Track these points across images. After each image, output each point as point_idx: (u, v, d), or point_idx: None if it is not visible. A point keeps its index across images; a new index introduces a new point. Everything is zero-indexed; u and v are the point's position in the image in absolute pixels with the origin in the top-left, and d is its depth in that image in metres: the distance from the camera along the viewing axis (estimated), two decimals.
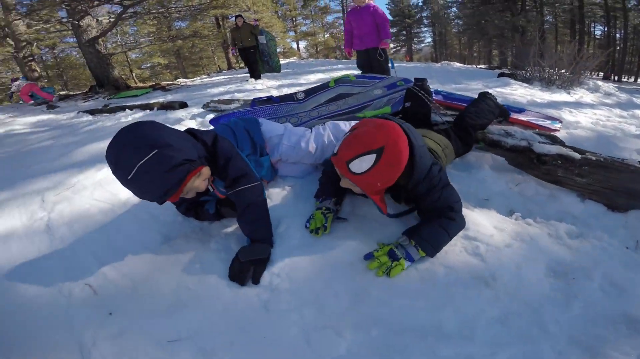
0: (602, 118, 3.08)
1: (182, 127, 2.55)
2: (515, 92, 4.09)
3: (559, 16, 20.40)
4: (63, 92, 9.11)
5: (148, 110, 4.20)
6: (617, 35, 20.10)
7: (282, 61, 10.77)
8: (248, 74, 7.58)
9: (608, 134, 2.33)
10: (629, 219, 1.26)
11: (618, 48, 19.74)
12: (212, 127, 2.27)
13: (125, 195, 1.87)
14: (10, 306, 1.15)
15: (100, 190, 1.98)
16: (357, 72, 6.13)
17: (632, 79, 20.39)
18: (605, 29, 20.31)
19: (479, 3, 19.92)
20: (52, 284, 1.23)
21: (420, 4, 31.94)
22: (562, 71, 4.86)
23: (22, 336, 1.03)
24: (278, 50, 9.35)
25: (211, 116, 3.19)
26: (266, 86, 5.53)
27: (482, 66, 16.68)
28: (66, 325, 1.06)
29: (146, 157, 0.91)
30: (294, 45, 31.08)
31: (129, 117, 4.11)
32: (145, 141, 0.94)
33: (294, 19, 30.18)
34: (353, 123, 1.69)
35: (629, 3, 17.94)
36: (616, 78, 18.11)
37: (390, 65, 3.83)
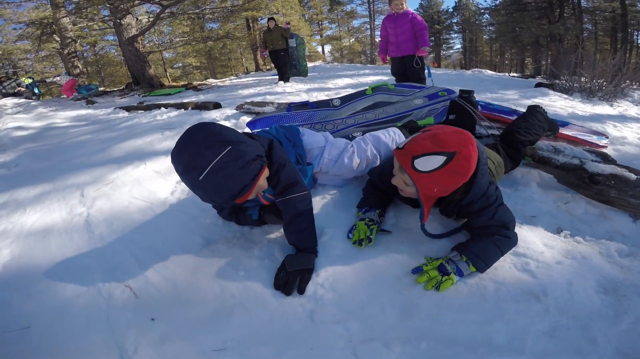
0: None
1: None
2: (555, 104, 3.85)
3: (599, 24, 19.26)
4: (101, 89, 9.58)
5: (183, 110, 4.31)
6: None
7: (308, 64, 10.81)
8: (275, 76, 7.67)
9: None
10: None
11: None
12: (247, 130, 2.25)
13: (164, 194, 1.89)
14: (50, 305, 1.15)
15: (139, 188, 2.01)
16: (386, 77, 6.08)
17: None
18: None
19: (514, 10, 19.18)
20: (91, 284, 1.23)
21: (451, 10, 31.26)
22: (603, 82, 4.51)
23: (60, 337, 1.02)
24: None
25: (245, 118, 3.19)
26: (295, 89, 5.54)
27: (515, 74, 16.00)
28: (106, 328, 1.04)
29: (222, 153, 0.91)
30: (319, 49, 31.26)
31: (164, 115, 4.23)
32: (218, 138, 0.94)
33: (320, 22, 30.34)
34: (392, 132, 1.62)
35: None
36: None
37: (427, 73, 3.69)
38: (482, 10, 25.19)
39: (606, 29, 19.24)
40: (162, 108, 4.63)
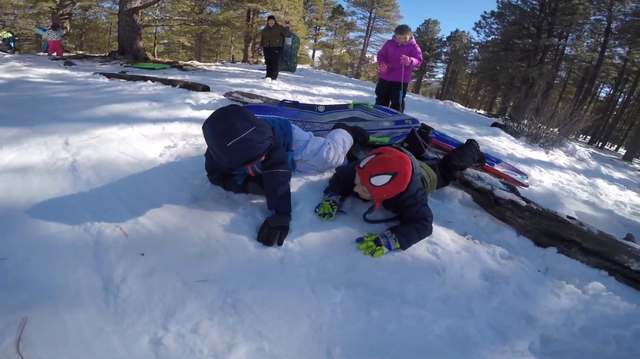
0: (563, 181, 3.52)
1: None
2: (501, 144, 4.52)
3: (572, 72, 21.11)
4: (80, 52, 9.04)
5: (170, 86, 4.29)
6: (620, 99, 20.88)
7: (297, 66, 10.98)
8: (262, 71, 7.73)
9: (561, 195, 2.80)
10: (547, 253, 1.71)
11: (614, 113, 20.61)
12: None
13: (152, 154, 1.97)
14: (30, 239, 1.17)
15: (126, 146, 2.05)
16: (366, 95, 6.45)
17: (614, 147, 21.05)
18: (611, 91, 21.06)
19: (501, 49, 20.74)
20: (77, 222, 1.27)
21: (445, 39, 32.59)
22: (551, 131, 5.19)
23: (40, 269, 1.06)
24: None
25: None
26: (281, 88, 5.74)
27: (482, 112, 17.33)
28: (93, 261, 1.11)
29: (248, 130, 1.28)
30: (310, 53, 31.53)
31: (150, 88, 4.17)
32: (248, 118, 1.31)
33: (318, 27, 30.60)
34: (345, 134, 2.08)
35: None
36: (600, 144, 18.97)
37: (399, 94, 4.03)
38: (473, 44, 26.96)
39: (576, 79, 21.27)
40: (149, 81, 4.53)
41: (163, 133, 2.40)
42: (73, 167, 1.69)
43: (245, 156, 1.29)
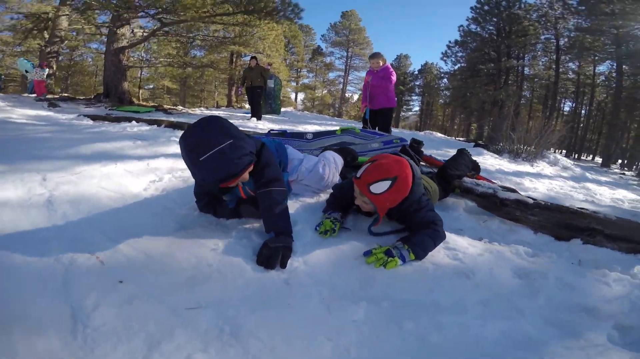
0: (556, 187, 3.61)
1: None
2: (487, 162, 4.67)
3: (535, 91, 22.98)
4: (65, 94, 9.12)
5: (155, 126, 4.27)
6: (583, 111, 22.48)
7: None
8: (247, 115, 7.92)
9: (559, 197, 2.83)
10: (571, 246, 1.61)
11: (581, 125, 21.91)
12: None
13: (136, 189, 1.87)
14: None
15: (108, 181, 1.94)
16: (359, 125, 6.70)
17: (589, 157, 22.03)
18: (573, 105, 22.73)
19: (468, 75, 22.49)
20: (47, 253, 1.13)
21: (416, 72, 34.98)
22: (529, 148, 5.53)
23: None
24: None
25: None
26: (267, 127, 5.85)
27: (461, 138, 18.27)
28: (61, 291, 0.96)
29: (224, 144, 1.11)
30: (293, 96, 32.98)
31: (134, 128, 4.13)
32: (224, 131, 1.15)
33: (299, 69, 32.43)
34: (334, 155, 2.07)
35: (598, 79, 20.53)
36: (576, 156, 20.08)
37: (366, 114, 4.22)
38: (442, 74, 29.11)
39: (540, 97, 22.97)
40: (134, 122, 4.49)
41: (148, 169, 2.29)
42: (49, 201, 1.54)
43: (218, 173, 1.13)
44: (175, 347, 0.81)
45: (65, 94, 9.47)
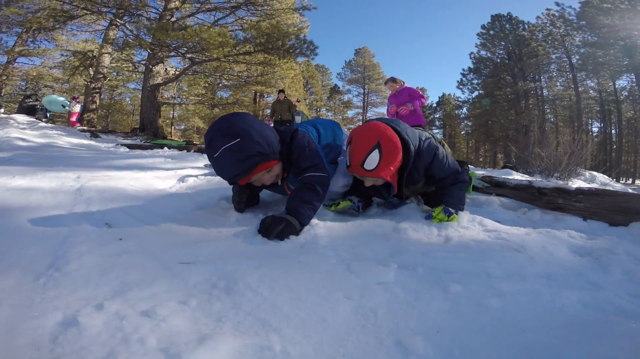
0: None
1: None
2: (516, 178, 4.26)
3: (559, 114, 21.37)
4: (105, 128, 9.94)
5: (185, 151, 4.54)
6: (613, 131, 20.24)
7: None
8: None
9: None
10: (632, 230, 1.38)
11: (614, 146, 19.86)
12: None
13: (163, 186, 1.96)
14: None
15: (137, 182, 2.04)
16: None
17: (630, 181, 20.02)
18: (602, 124, 20.71)
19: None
20: (59, 222, 1.14)
21: (435, 105, 34.51)
22: (561, 166, 5.10)
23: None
24: None
25: None
26: None
27: (489, 168, 17.43)
28: (56, 246, 0.92)
29: (230, 144, 1.07)
30: None
31: (166, 152, 4.47)
32: (233, 130, 1.09)
33: (318, 109, 33.54)
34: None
35: (621, 95, 18.95)
36: (615, 180, 18.09)
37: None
38: (461, 103, 28.81)
39: (565, 119, 21.07)
40: (165, 148, 4.96)
41: (175, 175, 2.39)
42: (78, 190, 1.63)
43: (226, 173, 1.12)
44: (147, 296, 0.69)
45: (106, 128, 10.32)
